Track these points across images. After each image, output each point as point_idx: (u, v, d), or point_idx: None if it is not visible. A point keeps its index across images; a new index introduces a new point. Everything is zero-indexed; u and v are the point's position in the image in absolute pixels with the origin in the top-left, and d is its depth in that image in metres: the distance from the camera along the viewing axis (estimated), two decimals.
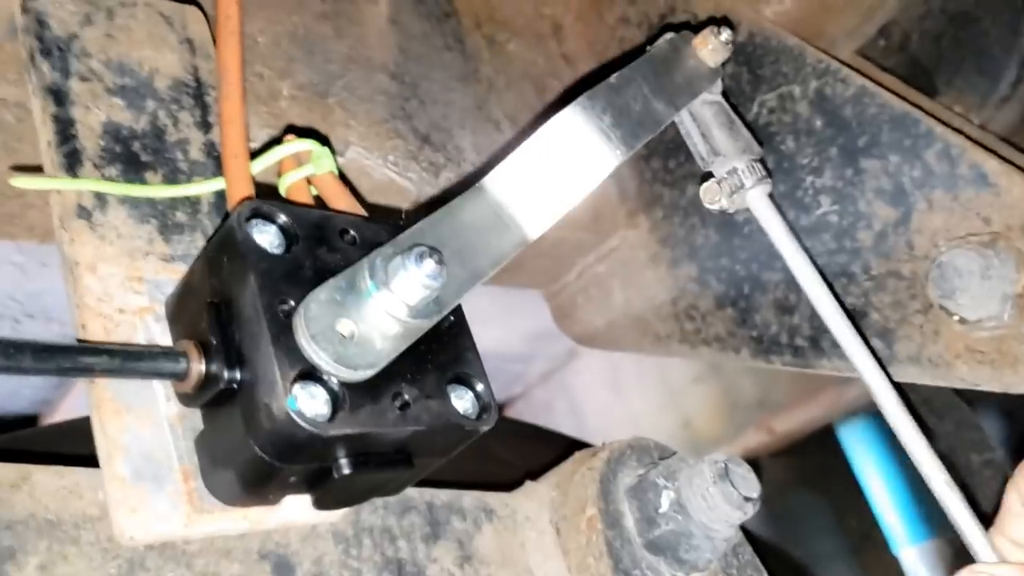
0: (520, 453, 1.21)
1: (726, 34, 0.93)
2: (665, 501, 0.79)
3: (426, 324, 0.55)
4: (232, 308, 0.55)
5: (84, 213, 0.62)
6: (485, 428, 0.62)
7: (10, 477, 0.59)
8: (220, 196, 0.69)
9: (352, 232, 0.61)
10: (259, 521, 0.62)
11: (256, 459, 0.54)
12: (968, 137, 0.95)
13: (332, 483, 0.57)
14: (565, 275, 1.31)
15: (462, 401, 0.61)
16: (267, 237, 0.57)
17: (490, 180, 0.67)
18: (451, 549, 0.76)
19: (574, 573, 0.79)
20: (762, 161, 0.95)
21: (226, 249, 0.56)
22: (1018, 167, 0.91)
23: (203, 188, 0.66)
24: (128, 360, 0.54)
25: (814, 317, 1.05)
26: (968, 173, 0.93)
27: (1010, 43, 1.37)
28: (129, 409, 0.58)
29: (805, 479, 2.50)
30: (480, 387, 0.62)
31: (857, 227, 1.01)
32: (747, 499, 0.78)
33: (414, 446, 0.59)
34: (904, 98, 0.99)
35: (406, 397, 0.57)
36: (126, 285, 0.61)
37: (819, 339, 1.05)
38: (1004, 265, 0.88)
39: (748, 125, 0.98)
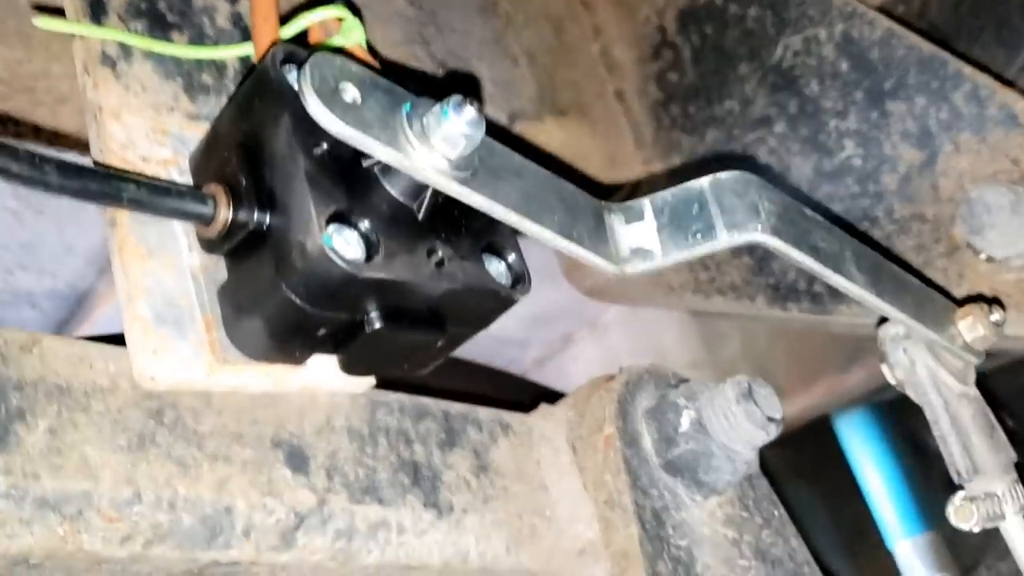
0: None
1: (997, 315, 0.82)
2: (685, 421, 0.77)
3: (448, 176, 0.51)
4: (264, 150, 0.53)
5: (108, 61, 0.60)
6: (519, 298, 0.59)
7: (20, 340, 0.57)
8: (246, 64, 0.66)
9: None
10: (282, 380, 0.60)
11: (286, 303, 0.52)
12: (998, 78, 0.94)
13: (362, 340, 0.55)
14: None
15: (496, 269, 0.59)
16: None
17: (619, 206, 0.63)
18: (467, 457, 0.74)
19: (590, 490, 0.77)
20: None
21: (259, 90, 0.54)
22: None
23: (230, 52, 0.64)
24: (155, 194, 0.51)
25: None
26: (997, 114, 0.92)
27: None
28: (152, 254, 0.56)
29: (799, 470, 2.48)
30: (512, 257, 0.60)
31: (881, 170, 1.00)
32: (770, 419, 0.77)
33: (447, 308, 0.57)
34: None
35: (440, 255, 0.55)
36: (151, 136, 0.59)
37: None
38: None
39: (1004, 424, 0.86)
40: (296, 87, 0.51)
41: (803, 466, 2.53)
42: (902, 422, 2.43)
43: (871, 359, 2.11)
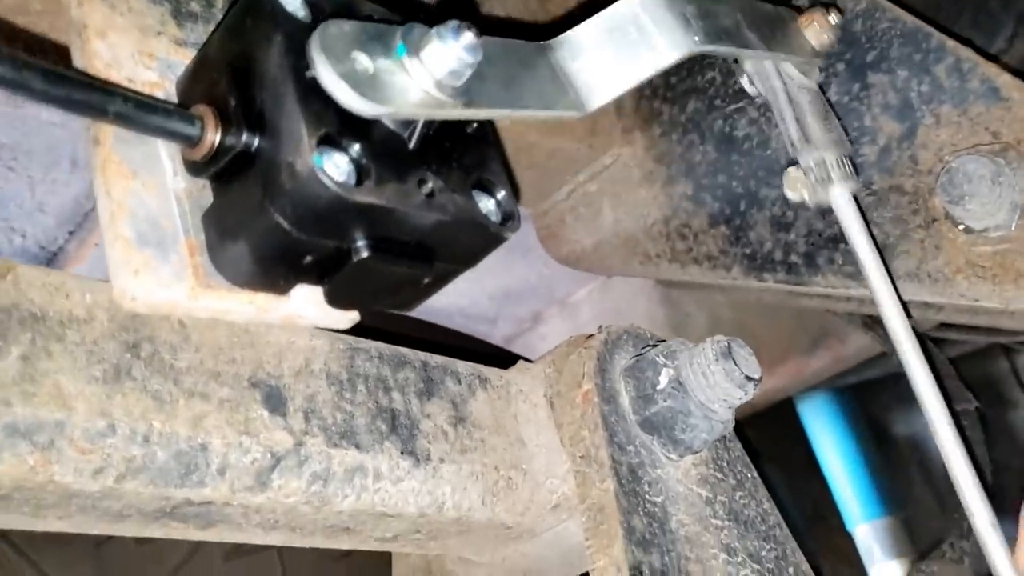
0: None
1: (835, 16, 0.90)
2: (664, 378, 0.77)
3: (446, 106, 0.51)
4: (255, 71, 0.52)
5: None
6: (508, 235, 0.59)
7: None
8: None
9: (379, 21, 0.58)
10: (266, 308, 0.59)
11: (272, 227, 0.51)
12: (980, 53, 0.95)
13: (348, 270, 0.54)
14: (554, 193, 1.28)
15: (485, 204, 0.59)
16: (293, 4, 0.54)
17: (559, 42, 0.64)
18: (445, 408, 0.74)
19: (567, 445, 0.77)
20: (851, 158, 0.92)
21: (251, 11, 0.53)
22: None
23: None
24: (142, 110, 0.50)
25: (810, 234, 1.04)
26: (979, 87, 0.93)
27: None
28: (136, 175, 0.54)
29: (762, 451, 2.50)
30: (502, 195, 0.60)
31: (861, 142, 1.00)
32: (749, 378, 0.77)
33: (436, 241, 0.56)
34: None
35: (431, 186, 0.54)
36: (136, 58, 0.57)
37: (815, 255, 1.03)
38: (1015, 174, 0.87)
39: (841, 122, 0.95)
40: (287, 10, 0.50)
41: (766, 447, 2.55)
42: (864, 407, 2.46)
43: (836, 343, 2.13)
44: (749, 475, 0.86)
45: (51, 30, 0.81)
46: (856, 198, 0.91)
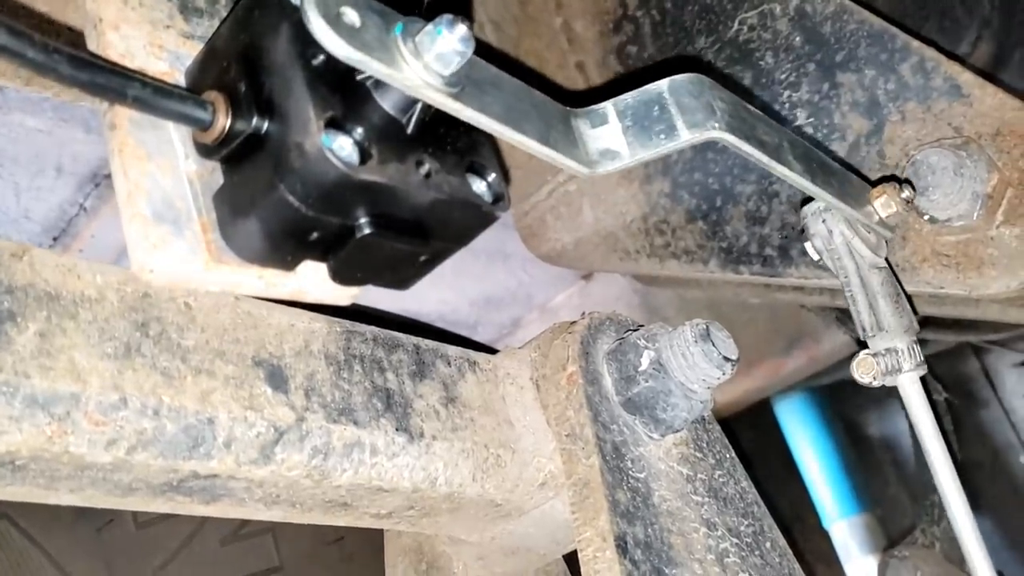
0: None
1: (908, 193, 0.91)
2: (645, 360, 0.81)
3: (432, 90, 0.53)
4: (263, 58, 0.55)
5: None
6: (499, 214, 0.62)
7: (10, 248, 0.58)
8: None
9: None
10: (274, 283, 0.62)
11: (282, 204, 0.54)
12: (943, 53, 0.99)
13: (351, 246, 0.57)
14: (535, 194, 1.32)
15: (478, 185, 0.62)
16: None
17: (583, 110, 0.67)
18: (436, 389, 0.77)
19: (553, 425, 0.80)
20: (918, 342, 0.93)
21: (258, 4, 0.56)
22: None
23: None
24: (159, 95, 0.53)
25: (784, 227, 1.08)
26: (942, 85, 0.97)
27: (973, 2, 1.42)
28: (150, 158, 0.58)
29: (740, 450, 2.54)
30: (492, 177, 0.63)
31: (831, 139, 1.04)
32: (727, 359, 0.80)
33: (432, 220, 0.60)
34: None
35: (428, 167, 0.58)
36: (148, 50, 0.61)
37: (788, 248, 1.07)
38: (976, 166, 0.92)
39: (908, 297, 0.96)
40: (293, 3, 0.54)
41: (743, 447, 2.59)
42: (839, 407, 2.51)
43: (812, 343, 2.17)
44: (728, 455, 0.89)
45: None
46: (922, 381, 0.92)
